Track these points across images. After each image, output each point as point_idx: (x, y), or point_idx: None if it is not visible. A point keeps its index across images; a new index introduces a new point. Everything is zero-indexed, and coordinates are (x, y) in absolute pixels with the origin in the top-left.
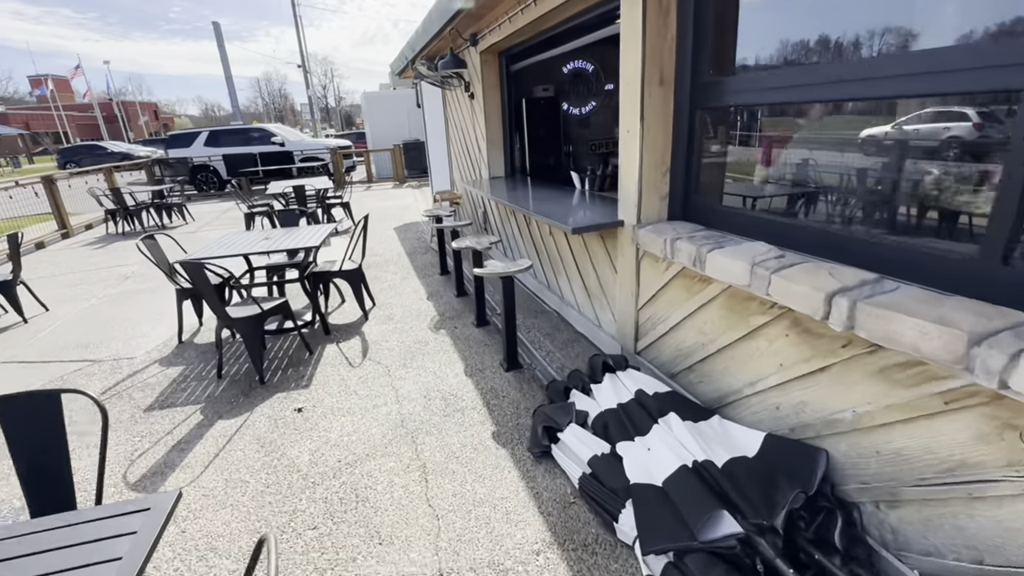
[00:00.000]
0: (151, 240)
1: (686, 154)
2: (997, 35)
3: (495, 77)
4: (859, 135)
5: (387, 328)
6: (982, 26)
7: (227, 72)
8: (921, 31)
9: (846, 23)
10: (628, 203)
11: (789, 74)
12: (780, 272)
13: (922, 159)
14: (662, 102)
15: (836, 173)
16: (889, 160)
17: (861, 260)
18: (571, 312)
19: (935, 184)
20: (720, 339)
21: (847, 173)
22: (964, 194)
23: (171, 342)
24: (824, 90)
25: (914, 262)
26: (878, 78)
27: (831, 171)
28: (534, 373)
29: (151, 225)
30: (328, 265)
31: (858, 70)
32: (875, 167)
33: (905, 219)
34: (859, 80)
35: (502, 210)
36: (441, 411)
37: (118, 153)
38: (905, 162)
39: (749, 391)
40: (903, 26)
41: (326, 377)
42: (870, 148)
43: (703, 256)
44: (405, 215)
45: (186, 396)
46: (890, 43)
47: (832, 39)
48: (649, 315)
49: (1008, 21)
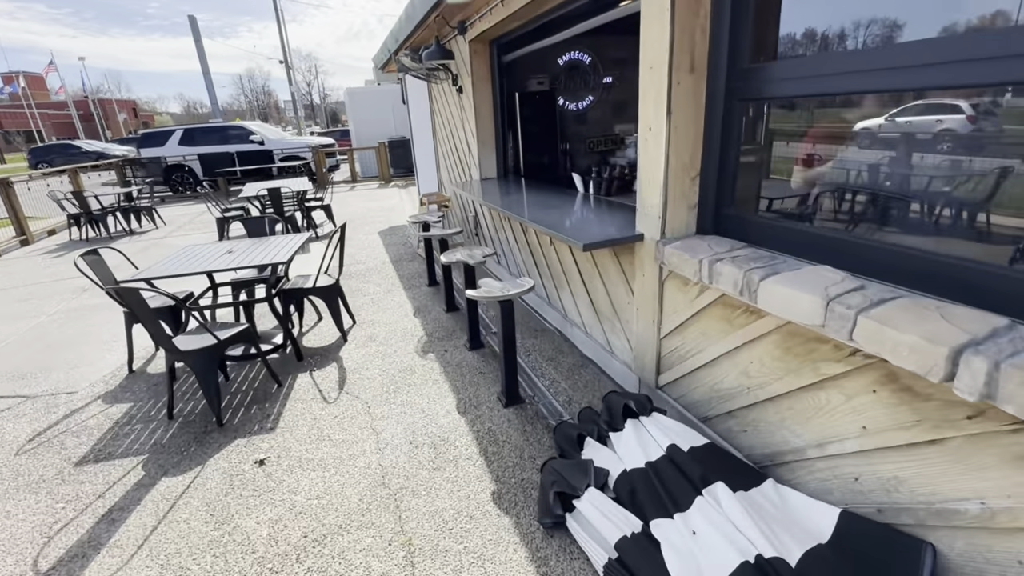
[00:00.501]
0: (94, 256)
1: (720, 156)
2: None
3: (486, 68)
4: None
5: (368, 352)
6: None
7: (204, 68)
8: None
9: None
10: (649, 214)
11: (865, 57)
12: (869, 312)
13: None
14: (693, 93)
15: (935, 178)
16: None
17: (973, 295)
18: (576, 333)
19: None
20: (773, 385)
21: (953, 177)
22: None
23: (120, 372)
24: (914, 76)
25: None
26: (1006, 57)
27: (922, 175)
28: (537, 409)
29: (118, 230)
30: (301, 280)
31: (973, 47)
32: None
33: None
34: (975, 61)
35: (496, 216)
36: (430, 462)
37: (93, 152)
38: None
39: (815, 453)
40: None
41: (296, 417)
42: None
43: (753, 284)
44: (391, 217)
45: (128, 444)
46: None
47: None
48: (675, 346)
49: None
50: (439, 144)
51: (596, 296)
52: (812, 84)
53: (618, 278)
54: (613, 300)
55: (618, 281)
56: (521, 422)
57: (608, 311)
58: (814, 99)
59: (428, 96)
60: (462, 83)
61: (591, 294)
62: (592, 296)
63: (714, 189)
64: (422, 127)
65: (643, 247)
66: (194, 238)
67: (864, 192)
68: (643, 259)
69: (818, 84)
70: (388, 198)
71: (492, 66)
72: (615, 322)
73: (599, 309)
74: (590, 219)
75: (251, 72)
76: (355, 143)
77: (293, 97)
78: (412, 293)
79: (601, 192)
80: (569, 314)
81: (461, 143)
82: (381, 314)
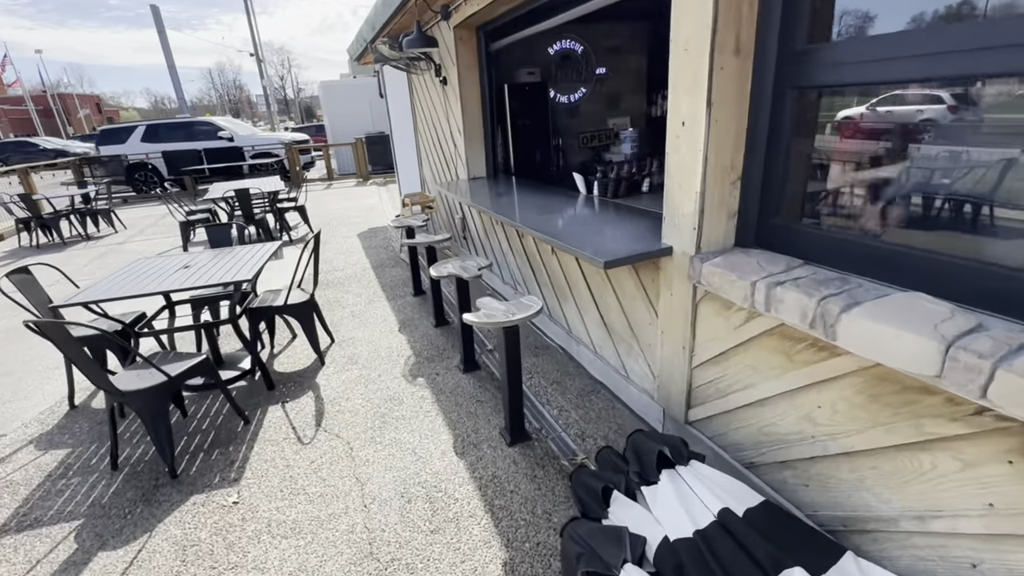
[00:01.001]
0: (23, 274)
1: (765, 156)
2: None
3: (472, 57)
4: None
5: (349, 377)
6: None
7: (169, 61)
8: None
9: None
10: (681, 225)
11: (975, 32)
12: (1012, 364)
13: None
14: (737, 80)
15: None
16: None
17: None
18: (583, 352)
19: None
20: (852, 438)
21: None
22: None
23: (60, 407)
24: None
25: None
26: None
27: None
28: (547, 446)
29: (73, 236)
30: (271, 297)
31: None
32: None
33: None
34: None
35: (486, 220)
36: (426, 522)
37: (52, 150)
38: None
39: (912, 526)
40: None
41: (265, 464)
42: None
43: (831, 316)
44: (370, 218)
45: (60, 505)
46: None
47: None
48: (711, 378)
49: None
50: (421, 140)
51: (608, 314)
52: (893, 68)
53: (637, 295)
54: (630, 319)
55: (637, 298)
56: (530, 465)
57: (623, 331)
58: (894, 86)
59: (408, 89)
60: (446, 73)
61: (602, 311)
62: (603, 313)
63: (757, 195)
64: (402, 122)
65: (671, 262)
66: (157, 243)
67: (967, 200)
68: (671, 276)
69: (903, 68)
70: (367, 197)
71: (479, 55)
72: (632, 344)
73: (612, 328)
74: (601, 227)
75: (221, 66)
76: (331, 139)
77: (265, 91)
78: (396, 304)
79: (607, 194)
80: (574, 330)
81: (446, 139)
82: (362, 330)
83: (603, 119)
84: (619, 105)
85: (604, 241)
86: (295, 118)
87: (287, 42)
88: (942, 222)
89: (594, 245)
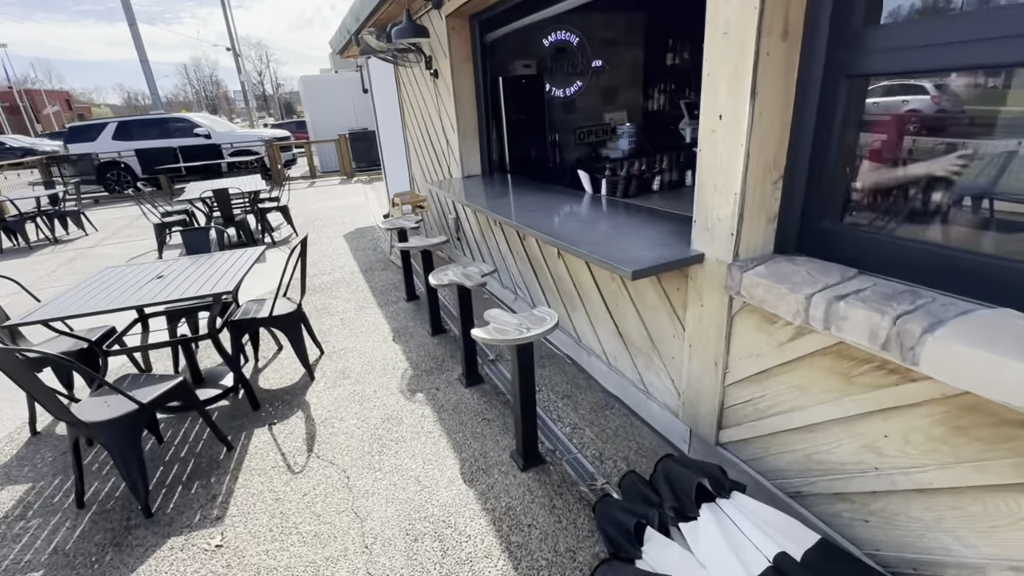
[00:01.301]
0: None
1: (811, 152)
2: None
3: (466, 48)
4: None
5: (342, 393)
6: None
7: (142, 55)
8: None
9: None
10: (715, 229)
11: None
12: None
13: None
14: (784, 67)
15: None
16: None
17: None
18: (595, 363)
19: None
20: (929, 474)
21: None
22: None
23: (21, 434)
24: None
25: None
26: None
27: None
28: (563, 471)
29: (40, 239)
30: (255, 307)
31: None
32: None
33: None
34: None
35: (482, 220)
36: (436, 566)
37: (19, 148)
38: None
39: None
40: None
41: (252, 498)
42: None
43: (911, 337)
44: (357, 217)
45: (18, 553)
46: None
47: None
48: (748, 397)
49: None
50: (410, 136)
51: (625, 323)
52: (963, 53)
53: (659, 305)
54: (650, 330)
55: (659, 308)
56: (547, 493)
57: (643, 343)
58: (974, 73)
59: (396, 83)
60: (438, 66)
61: (617, 320)
62: (618, 323)
63: (801, 196)
64: (389, 118)
65: (703, 271)
66: (130, 247)
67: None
68: (701, 285)
69: (977, 53)
70: (352, 195)
71: (474, 46)
72: (652, 357)
73: (628, 339)
74: (616, 231)
75: (197, 61)
76: (312, 136)
77: (243, 87)
78: (389, 311)
79: (616, 193)
80: (584, 340)
81: (437, 135)
82: (354, 339)
83: (599, 114)
84: (616, 99)
85: (624, 247)
86: (275, 114)
87: (264, 36)
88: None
89: (615, 251)
